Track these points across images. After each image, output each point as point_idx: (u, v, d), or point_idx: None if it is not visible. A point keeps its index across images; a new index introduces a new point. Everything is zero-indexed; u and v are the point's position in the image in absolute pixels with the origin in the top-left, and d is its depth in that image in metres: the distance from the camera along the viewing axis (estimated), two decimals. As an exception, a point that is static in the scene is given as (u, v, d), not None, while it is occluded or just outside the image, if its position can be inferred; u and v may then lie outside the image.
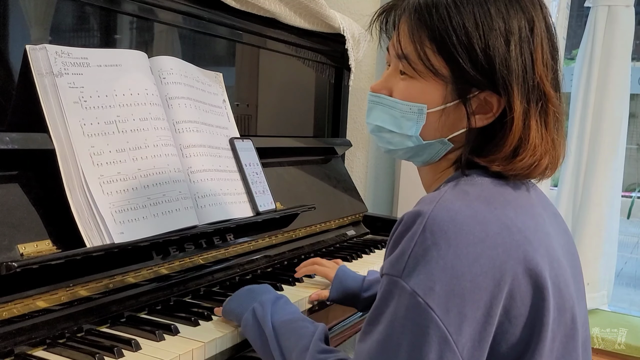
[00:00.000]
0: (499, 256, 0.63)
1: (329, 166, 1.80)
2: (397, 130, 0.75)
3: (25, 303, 0.85)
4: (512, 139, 0.68)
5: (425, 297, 0.61)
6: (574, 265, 0.76)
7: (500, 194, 0.69)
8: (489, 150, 0.70)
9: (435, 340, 0.60)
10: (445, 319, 0.60)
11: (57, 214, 0.91)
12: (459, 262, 0.61)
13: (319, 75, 1.84)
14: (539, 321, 0.65)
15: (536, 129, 0.68)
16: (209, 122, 1.21)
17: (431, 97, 0.71)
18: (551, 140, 0.70)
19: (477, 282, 0.61)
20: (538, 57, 0.69)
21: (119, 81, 1.02)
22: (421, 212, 0.64)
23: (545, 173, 0.72)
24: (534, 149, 0.68)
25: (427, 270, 0.61)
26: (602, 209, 2.43)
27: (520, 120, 0.68)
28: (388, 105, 0.75)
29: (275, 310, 0.89)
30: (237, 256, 1.27)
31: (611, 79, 2.34)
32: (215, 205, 1.13)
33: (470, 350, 0.62)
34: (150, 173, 1.01)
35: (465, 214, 0.64)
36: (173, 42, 1.31)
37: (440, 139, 0.73)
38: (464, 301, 0.61)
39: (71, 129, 0.92)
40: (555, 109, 0.70)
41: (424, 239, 0.62)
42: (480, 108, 0.70)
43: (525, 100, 0.68)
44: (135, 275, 1.02)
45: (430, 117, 0.72)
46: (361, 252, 1.54)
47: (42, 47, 0.93)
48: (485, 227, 0.64)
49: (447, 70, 0.69)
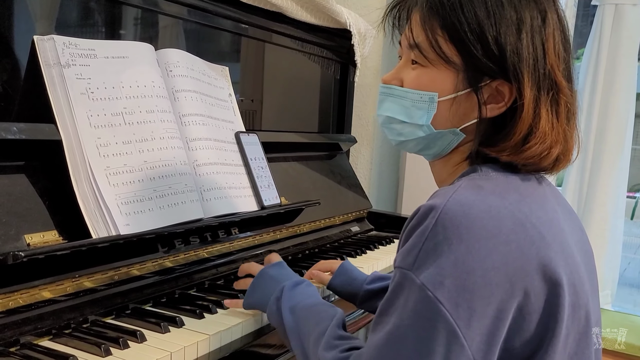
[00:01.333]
0: (512, 252, 0.62)
1: (334, 162, 1.79)
2: (408, 120, 0.75)
3: (31, 293, 0.85)
4: (522, 126, 0.68)
5: (435, 291, 0.61)
6: (588, 263, 0.75)
7: (515, 189, 0.69)
8: (499, 140, 0.70)
9: (443, 334, 0.60)
10: (454, 313, 0.60)
11: (63, 204, 0.91)
12: (471, 257, 0.61)
13: (325, 71, 1.83)
14: (553, 318, 0.65)
15: (546, 117, 0.68)
16: (215, 116, 1.21)
17: (442, 85, 0.71)
18: (562, 130, 0.70)
19: (489, 277, 0.61)
20: (550, 47, 0.69)
21: (126, 73, 1.02)
22: (434, 205, 0.64)
23: (557, 165, 0.72)
24: (544, 137, 0.68)
25: (438, 265, 0.61)
26: (606, 209, 2.42)
27: (531, 107, 0.68)
28: (399, 95, 0.75)
29: (293, 296, 0.88)
30: (242, 250, 1.27)
31: (617, 78, 2.34)
32: (220, 198, 1.13)
33: (479, 344, 0.61)
34: (157, 165, 1.01)
35: (479, 208, 0.64)
36: (178, 36, 1.31)
37: (452, 129, 0.73)
38: (474, 296, 0.61)
39: (78, 120, 0.92)
40: (567, 99, 0.70)
41: (435, 233, 0.62)
42: (492, 98, 0.70)
43: (536, 88, 0.68)
44: (140, 268, 1.02)
45: (441, 106, 0.72)
46: (365, 249, 1.54)
47: (50, 37, 0.93)
48: (498, 222, 0.63)
49: (459, 58, 0.70)
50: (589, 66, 2.43)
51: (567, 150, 0.71)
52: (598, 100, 2.39)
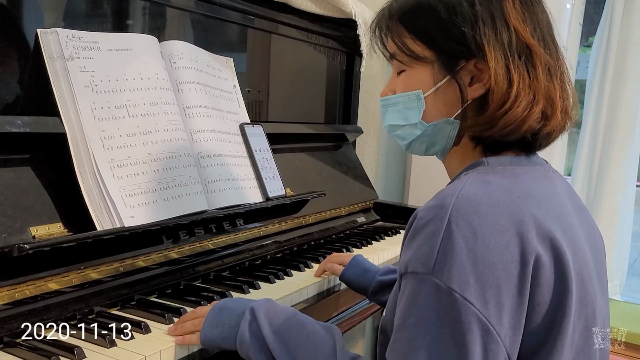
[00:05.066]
0: (524, 243, 0.62)
1: (340, 153, 1.79)
2: (405, 122, 0.78)
3: (37, 285, 0.86)
4: (494, 96, 0.69)
5: (462, 292, 0.60)
6: (598, 260, 0.75)
7: (522, 183, 0.69)
8: (483, 116, 0.71)
9: (478, 334, 0.60)
10: (485, 311, 0.60)
11: (68, 197, 0.92)
12: (489, 252, 0.61)
13: (331, 62, 1.83)
14: (561, 311, 0.64)
15: (519, 81, 0.69)
16: (219, 107, 1.21)
17: (423, 81, 0.75)
18: (543, 88, 0.70)
19: (509, 270, 0.61)
20: (509, 11, 0.70)
21: (130, 65, 1.02)
22: (442, 204, 0.64)
23: (550, 123, 0.71)
24: (518, 100, 0.68)
25: (459, 264, 0.60)
26: (616, 198, 2.40)
27: (501, 75, 0.68)
28: (393, 103, 0.79)
29: (271, 318, 0.78)
30: (247, 241, 1.27)
31: (628, 66, 2.30)
32: (225, 190, 1.14)
33: (512, 338, 0.62)
34: (161, 157, 1.01)
35: (488, 204, 0.63)
36: (185, 27, 1.31)
37: (445, 118, 0.75)
38: (500, 290, 0.60)
39: (82, 113, 0.92)
40: (544, 58, 0.70)
41: (450, 232, 0.61)
42: (476, 78, 0.72)
43: (502, 56, 0.69)
44: (146, 259, 1.03)
45: (428, 101, 0.75)
46: (371, 239, 1.54)
47: (54, 31, 0.93)
48: (508, 216, 0.63)
49: (428, 51, 0.73)
50: (599, 54, 2.40)
51: (553, 105, 0.71)
52: (608, 89, 2.37)
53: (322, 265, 1.21)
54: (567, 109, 0.73)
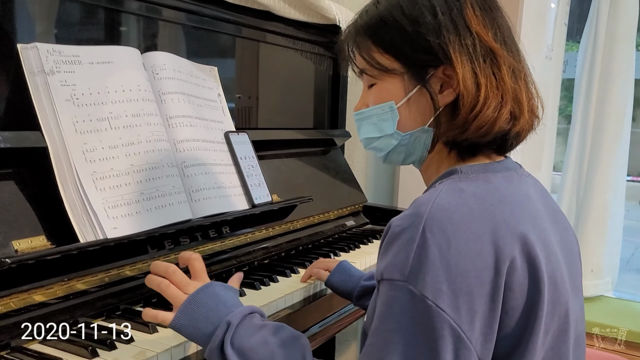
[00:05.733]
0: (498, 250, 0.64)
1: (328, 157, 1.80)
2: (380, 134, 0.80)
3: (22, 297, 0.87)
4: (464, 100, 0.71)
5: (435, 300, 0.61)
6: (571, 262, 0.76)
7: (496, 190, 0.70)
8: (456, 121, 0.73)
9: (450, 341, 0.61)
10: (457, 318, 0.61)
11: (51, 210, 0.93)
12: (462, 259, 0.62)
13: (318, 67, 1.84)
14: (534, 314, 0.66)
15: (486, 84, 0.71)
16: (203, 117, 1.23)
17: (395, 92, 0.76)
18: (510, 90, 0.72)
19: (482, 277, 0.63)
20: (470, 17, 0.72)
21: (111, 78, 1.03)
22: (417, 213, 0.65)
23: (518, 123, 0.73)
24: (488, 102, 0.70)
25: (432, 272, 0.62)
26: (606, 195, 2.42)
27: (469, 80, 0.70)
28: (367, 116, 0.80)
29: (240, 336, 0.76)
30: (234, 248, 1.28)
31: (615, 64, 2.33)
32: (209, 199, 1.15)
33: (483, 343, 0.63)
34: (144, 168, 1.02)
35: (462, 212, 0.65)
36: (175, 39, 1.32)
37: (420, 127, 0.76)
38: (472, 297, 0.62)
39: (63, 127, 0.94)
40: (507, 60, 0.72)
41: (424, 240, 0.63)
42: (446, 84, 0.73)
43: (468, 61, 0.71)
44: (132, 269, 1.04)
45: (402, 111, 0.77)
46: (359, 243, 1.55)
47: (34, 45, 0.94)
48: (482, 224, 0.65)
49: (397, 63, 0.75)
50: (586, 53, 2.42)
51: (520, 106, 0.73)
52: (595, 87, 2.39)
53: (308, 271, 1.22)
54: (534, 109, 0.76)
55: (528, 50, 0.80)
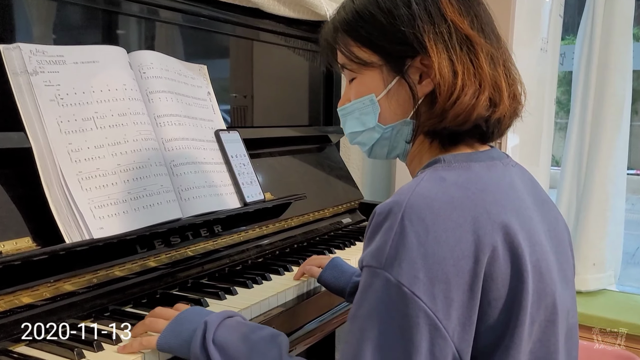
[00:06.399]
0: (478, 239, 0.63)
1: (323, 155, 1.79)
2: (363, 128, 0.80)
3: (7, 299, 0.86)
4: (441, 89, 0.70)
5: (411, 287, 0.61)
6: (560, 252, 0.75)
7: (479, 178, 0.69)
8: (434, 109, 0.72)
9: (425, 329, 0.61)
10: (432, 306, 0.61)
11: (36, 211, 0.92)
12: (440, 247, 0.62)
13: (311, 64, 1.83)
14: (517, 304, 0.65)
15: (463, 71, 0.70)
16: (192, 115, 1.22)
17: (374, 85, 0.76)
18: (488, 76, 0.71)
19: (460, 265, 0.62)
20: (445, 5, 0.72)
21: (97, 77, 1.02)
22: (397, 201, 0.65)
23: (498, 110, 0.72)
24: (465, 89, 0.70)
25: (409, 259, 0.62)
26: (606, 188, 2.40)
27: (445, 68, 0.70)
28: (350, 111, 0.81)
29: (218, 335, 0.77)
30: (228, 247, 1.27)
31: (612, 57, 2.31)
32: (199, 197, 1.14)
33: (460, 334, 0.62)
34: (131, 168, 1.01)
35: (442, 200, 0.64)
36: (168, 39, 1.31)
37: (402, 120, 0.77)
38: (449, 286, 0.61)
39: (48, 127, 0.93)
40: (485, 47, 0.72)
41: (402, 228, 0.63)
42: (425, 74, 0.73)
43: (444, 49, 0.70)
44: (121, 269, 1.03)
45: (382, 104, 0.77)
46: (355, 240, 1.54)
47: (16, 46, 0.93)
48: (462, 212, 0.64)
49: (375, 55, 0.75)
50: (583, 45, 2.40)
51: (500, 92, 0.72)
52: (593, 80, 2.37)
53: (301, 268, 1.21)
54: (515, 95, 0.75)
55: (522, 43, 0.80)
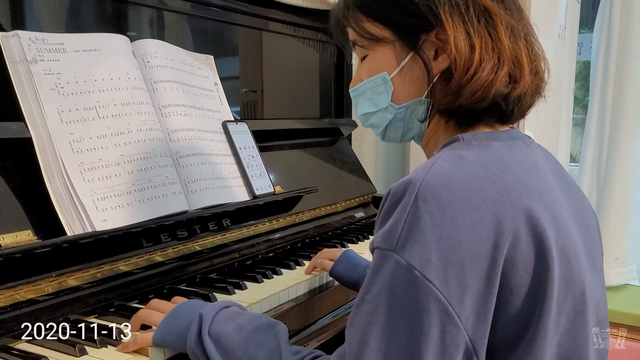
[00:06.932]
0: (498, 222, 0.58)
1: (335, 148, 1.75)
2: (375, 109, 0.76)
3: (8, 294, 0.83)
4: (457, 63, 0.66)
5: (422, 270, 0.57)
6: (588, 238, 0.70)
7: (499, 158, 0.65)
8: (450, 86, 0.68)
9: (436, 315, 0.56)
10: (445, 291, 0.57)
11: (37, 204, 0.89)
12: (455, 229, 0.57)
13: (322, 55, 1.79)
14: (542, 292, 0.60)
15: (481, 45, 0.66)
16: (199, 106, 1.18)
17: (386, 62, 0.73)
18: (508, 50, 0.67)
19: (477, 250, 0.57)
20: None
21: (98, 66, 0.99)
22: (412, 180, 0.61)
23: (517, 86, 0.68)
24: (481, 64, 0.66)
25: (422, 241, 0.57)
26: (627, 180, 2.33)
27: (462, 41, 0.66)
28: (362, 91, 0.77)
29: (214, 326, 0.75)
30: (237, 242, 1.24)
31: (632, 44, 2.23)
32: (207, 189, 1.10)
33: (475, 323, 0.58)
34: (134, 159, 0.98)
35: (460, 179, 0.60)
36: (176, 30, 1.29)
37: (416, 99, 0.72)
38: (464, 271, 0.57)
39: (48, 117, 0.90)
40: (505, 19, 0.67)
41: (416, 208, 0.58)
42: (440, 50, 0.69)
43: (460, 22, 0.66)
44: (126, 263, 1.00)
45: (395, 82, 0.73)
46: (368, 234, 1.50)
47: (15, 33, 0.90)
48: (482, 193, 0.60)
49: (387, 30, 0.71)
50: (601, 34, 2.33)
51: (520, 67, 0.68)
52: (613, 68, 2.30)
53: (313, 262, 1.17)
54: (538, 71, 0.70)
55: (539, 29, 0.75)
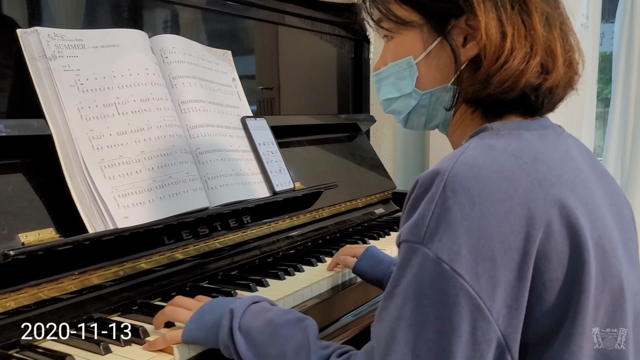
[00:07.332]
0: (530, 213, 0.56)
1: (354, 143, 1.73)
2: (399, 94, 0.74)
3: (32, 292, 0.83)
4: (487, 51, 0.64)
5: (452, 263, 0.55)
6: (624, 229, 0.68)
7: (531, 147, 0.62)
8: (477, 74, 0.65)
9: (466, 309, 0.55)
10: (475, 285, 0.55)
11: (58, 201, 0.89)
12: (486, 221, 0.55)
13: (339, 50, 1.77)
14: (578, 286, 0.58)
15: (513, 33, 0.63)
16: (217, 102, 1.17)
17: (413, 46, 0.70)
18: (541, 39, 0.64)
19: (508, 242, 0.55)
20: None
21: (117, 62, 0.98)
22: (440, 170, 0.58)
23: (549, 77, 0.65)
24: (512, 53, 0.63)
25: (451, 233, 0.55)
26: (652, 173, 2.28)
27: (493, 28, 0.63)
28: (385, 76, 0.75)
29: (243, 322, 0.75)
30: (257, 239, 1.23)
31: (655, 33, 2.18)
32: (227, 186, 1.09)
33: (507, 317, 0.56)
34: (155, 155, 0.97)
35: (490, 169, 0.58)
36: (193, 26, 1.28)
37: (442, 85, 0.70)
38: (495, 264, 0.55)
39: (68, 114, 0.89)
40: (539, 6, 0.64)
41: (445, 199, 0.56)
42: (469, 37, 0.66)
43: (493, 7, 0.64)
44: (148, 261, 0.99)
45: (421, 67, 0.71)
46: (389, 230, 1.48)
47: (34, 30, 0.90)
48: (513, 182, 0.57)
49: (415, 14, 0.69)
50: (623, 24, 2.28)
51: (554, 58, 0.65)
52: (636, 60, 2.25)
53: (335, 259, 1.16)
54: (572, 62, 0.67)
55: None
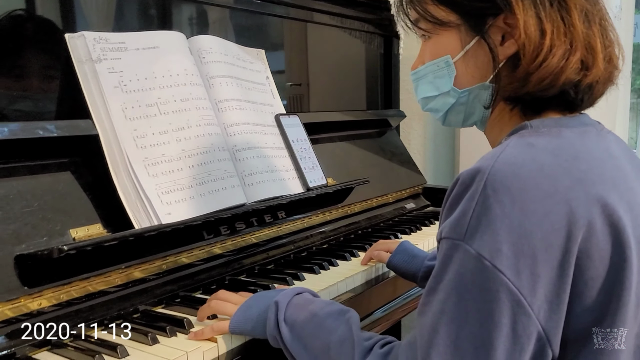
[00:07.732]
0: (572, 211, 0.57)
1: (384, 139, 1.75)
2: (437, 92, 0.76)
3: (82, 286, 0.87)
4: (526, 49, 0.64)
5: (493, 260, 0.56)
6: None
7: (571, 145, 0.63)
8: (516, 72, 0.66)
9: (507, 305, 0.56)
10: (516, 281, 0.56)
11: (105, 198, 0.93)
12: (527, 219, 0.56)
13: (368, 46, 1.78)
14: (620, 284, 0.59)
15: (552, 30, 0.64)
16: (252, 100, 1.20)
17: (451, 46, 0.72)
18: (580, 35, 0.64)
19: (549, 240, 0.56)
20: None
21: (158, 63, 1.01)
22: (481, 168, 0.60)
23: (589, 73, 0.65)
24: (552, 50, 0.64)
25: (492, 231, 0.57)
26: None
27: (532, 26, 0.64)
28: (423, 75, 0.76)
29: (288, 314, 0.78)
30: (291, 234, 1.25)
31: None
32: (262, 182, 1.12)
33: (547, 312, 0.57)
34: (195, 153, 1.00)
35: (530, 167, 0.59)
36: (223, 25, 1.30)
37: (480, 84, 0.71)
38: (536, 261, 0.56)
39: (113, 114, 0.93)
40: (579, 3, 0.65)
41: (485, 197, 0.58)
42: (507, 35, 0.67)
43: (531, 5, 0.64)
44: (189, 256, 1.03)
45: (459, 66, 0.72)
46: (420, 225, 1.49)
47: (81, 34, 0.94)
48: (554, 181, 0.58)
49: (453, 14, 0.70)
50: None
51: (594, 54, 0.65)
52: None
53: (369, 253, 1.18)
54: (612, 58, 0.67)
55: None
